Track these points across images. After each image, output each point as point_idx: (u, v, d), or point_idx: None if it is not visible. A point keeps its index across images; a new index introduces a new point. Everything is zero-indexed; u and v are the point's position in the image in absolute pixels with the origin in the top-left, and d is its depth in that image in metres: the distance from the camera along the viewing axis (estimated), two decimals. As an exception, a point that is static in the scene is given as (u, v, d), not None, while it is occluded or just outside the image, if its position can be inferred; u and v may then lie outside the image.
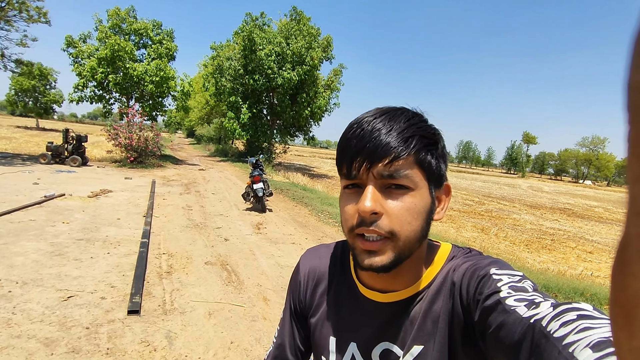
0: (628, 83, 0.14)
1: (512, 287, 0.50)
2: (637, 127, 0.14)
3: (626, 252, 0.15)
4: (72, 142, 12.84)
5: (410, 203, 0.57)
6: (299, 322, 0.81)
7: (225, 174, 15.42)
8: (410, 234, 0.57)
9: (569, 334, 0.37)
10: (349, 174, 0.58)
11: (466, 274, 0.58)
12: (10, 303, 2.95)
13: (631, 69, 0.14)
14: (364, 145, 0.56)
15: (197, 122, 39.79)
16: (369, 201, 0.55)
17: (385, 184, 0.57)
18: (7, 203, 6.11)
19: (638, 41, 0.14)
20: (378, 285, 0.67)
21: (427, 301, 0.62)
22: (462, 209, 14.02)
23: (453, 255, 0.66)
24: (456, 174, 49.01)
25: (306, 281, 0.79)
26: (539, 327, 0.41)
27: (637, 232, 0.14)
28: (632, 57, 0.14)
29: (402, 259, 0.57)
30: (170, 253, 4.64)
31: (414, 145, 0.57)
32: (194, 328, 2.92)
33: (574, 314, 0.40)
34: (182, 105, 23.05)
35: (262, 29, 21.10)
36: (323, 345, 0.73)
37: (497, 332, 0.46)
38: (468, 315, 0.55)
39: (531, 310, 0.44)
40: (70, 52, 19.58)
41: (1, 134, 24.02)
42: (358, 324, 0.69)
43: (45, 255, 4.04)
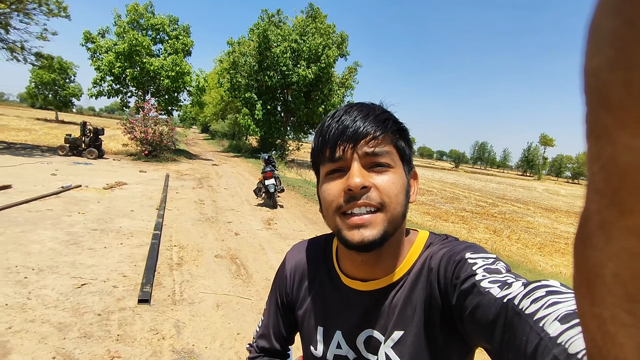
0: (584, 68, 0.15)
1: (486, 270, 0.52)
2: (592, 109, 0.15)
3: (587, 227, 0.17)
4: (90, 135, 13.10)
5: (394, 177, 0.60)
6: (284, 314, 0.84)
7: (238, 170, 15.55)
8: (397, 206, 0.59)
9: (539, 310, 0.39)
10: (333, 157, 0.61)
11: (443, 259, 0.60)
12: (26, 289, 3.04)
13: (587, 55, 0.15)
14: (345, 128, 0.60)
15: (211, 117, 40.15)
16: (357, 177, 0.58)
17: (368, 162, 0.60)
18: (25, 193, 6.29)
19: (592, 28, 0.15)
20: (359, 274, 0.69)
21: (406, 288, 0.64)
22: (475, 210, 13.85)
23: (430, 242, 0.68)
24: (470, 175, 48.44)
25: (292, 275, 0.81)
26: (511, 305, 0.43)
27: (596, 207, 0.15)
28: (587, 43, 0.15)
29: (389, 233, 0.59)
30: (181, 245, 4.71)
31: (390, 126, 0.61)
32: (202, 318, 2.97)
33: (543, 291, 0.42)
34: (197, 100, 23.27)
35: (277, 25, 21.15)
36: (311, 336, 0.75)
37: (473, 313, 0.48)
38: (446, 299, 0.57)
39: (504, 290, 0.47)
40: (88, 47, 19.94)
41: (21, 126, 24.67)
42: (342, 313, 0.71)
43: (61, 244, 4.14)
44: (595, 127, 0.15)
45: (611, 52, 0.13)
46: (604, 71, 0.14)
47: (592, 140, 0.15)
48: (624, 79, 0.13)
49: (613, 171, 0.14)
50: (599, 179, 0.15)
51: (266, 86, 21.14)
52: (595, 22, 0.14)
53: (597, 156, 0.15)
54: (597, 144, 0.15)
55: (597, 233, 0.16)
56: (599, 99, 0.14)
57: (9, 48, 14.26)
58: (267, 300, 0.88)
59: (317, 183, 0.68)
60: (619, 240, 0.14)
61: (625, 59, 0.13)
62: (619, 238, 0.14)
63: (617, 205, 0.14)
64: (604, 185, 0.15)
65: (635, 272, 0.14)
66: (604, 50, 0.14)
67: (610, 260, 0.15)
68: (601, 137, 0.15)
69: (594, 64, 0.14)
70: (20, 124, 26.18)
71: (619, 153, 0.14)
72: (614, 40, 0.13)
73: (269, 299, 0.87)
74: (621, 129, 0.13)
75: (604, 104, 0.14)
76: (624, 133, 0.13)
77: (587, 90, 0.15)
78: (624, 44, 0.13)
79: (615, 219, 0.14)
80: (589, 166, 0.16)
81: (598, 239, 0.16)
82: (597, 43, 0.14)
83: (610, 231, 0.15)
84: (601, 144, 0.15)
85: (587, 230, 0.17)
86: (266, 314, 0.87)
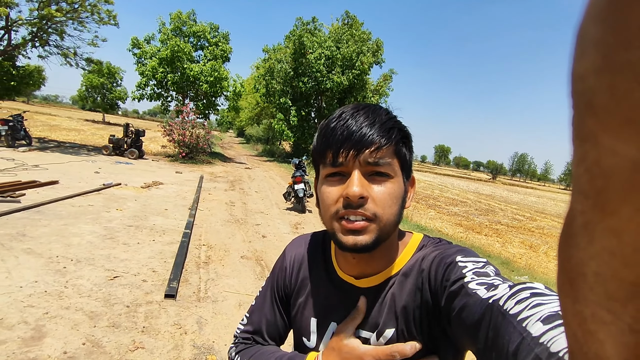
0: (572, 72, 0.15)
1: (475, 273, 0.53)
2: (578, 112, 0.15)
3: (571, 226, 0.17)
4: (132, 136, 13.77)
5: (391, 189, 0.61)
6: (282, 309, 0.83)
7: (270, 174, 15.80)
8: (390, 217, 0.61)
9: (523, 310, 0.40)
10: (335, 162, 0.61)
11: (434, 261, 0.61)
12: (64, 277, 3.24)
13: (574, 59, 0.15)
14: (350, 135, 0.60)
15: (247, 122, 41.11)
16: (357, 186, 0.58)
17: (369, 171, 0.61)
18: (70, 188, 6.70)
19: (579, 36, 0.15)
20: (354, 271, 0.70)
21: (397, 287, 0.65)
22: (511, 223, 13.30)
23: (423, 244, 0.69)
24: (507, 187, 46.65)
25: (292, 266, 0.83)
26: (497, 306, 0.44)
27: (581, 208, 0.16)
28: (575, 47, 0.15)
29: (381, 240, 0.61)
30: (209, 245, 4.84)
31: (395, 137, 0.61)
32: (224, 317, 3.03)
33: (528, 292, 0.43)
34: (233, 105, 23.94)
35: (312, 33, 21.43)
36: (305, 327, 0.76)
37: (460, 313, 0.49)
38: (436, 300, 0.58)
39: (490, 291, 0.47)
40: (134, 53, 21.04)
41: (71, 126, 26.30)
42: (337, 306, 0.72)
43: (98, 238, 4.38)
44: (581, 130, 0.15)
45: (597, 57, 0.14)
46: (590, 76, 0.14)
47: (577, 143, 0.16)
48: (608, 83, 0.13)
49: (597, 173, 0.14)
50: (584, 181, 0.15)
51: (300, 92, 21.43)
52: (583, 28, 0.15)
53: (582, 159, 0.15)
54: (582, 147, 0.15)
55: (581, 233, 0.16)
56: (584, 102, 0.15)
57: (63, 54, 15.34)
58: (259, 297, 0.86)
59: (316, 179, 0.69)
60: (601, 240, 0.15)
61: (610, 63, 0.13)
62: (601, 238, 0.15)
63: (600, 207, 0.15)
64: (589, 187, 0.15)
65: (614, 271, 0.14)
66: (590, 55, 0.14)
67: (592, 259, 0.15)
68: (586, 140, 0.15)
69: (581, 68, 0.15)
70: (70, 125, 27.93)
71: (603, 156, 0.14)
72: (600, 46, 0.14)
73: (261, 295, 0.85)
74: (606, 132, 0.14)
75: (590, 107, 0.14)
76: (608, 136, 0.14)
77: (574, 94, 0.15)
78: (608, 50, 0.13)
79: (598, 219, 0.15)
80: (575, 168, 0.16)
81: (581, 238, 0.16)
82: (583, 48, 0.15)
83: (593, 231, 0.15)
84: (586, 147, 0.15)
85: (572, 230, 0.17)
86: (257, 310, 0.84)
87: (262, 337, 0.81)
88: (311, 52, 20.16)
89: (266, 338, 0.81)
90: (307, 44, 20.07)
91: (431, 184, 27.84)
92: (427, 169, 78.68)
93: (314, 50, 20.23)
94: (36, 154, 10.77)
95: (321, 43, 20.50)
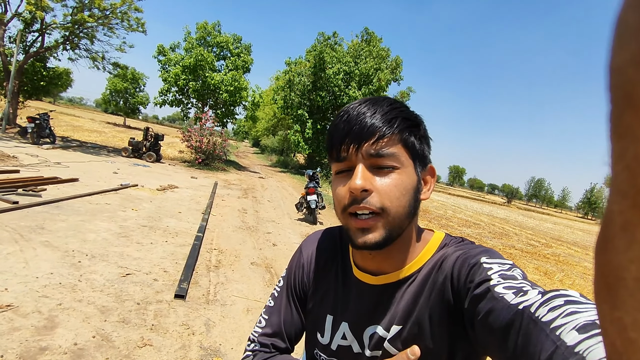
0: (610, 65, 0.15)
1: (501, 276, 0.51)
2: (617, 106, 0.15)
3: (609, 229, 0.16)
4: (151, 140, 14.09)
5: (398, 180, 0.60)
6: (297, 305, 0.81)
7: (283, 184, 15.88)
8: (399, 209, 0.59)
9: (557, 318, 0.38)
10: (339, 156, 0.62)
11: (457, 261, 0.59)
12: (78, 271, 3.30)
13: (612, 52, 0.15)
14: (350, 128, 0.60)
15: (263, 132, 41.58)
16: (359, 179, 0.58)
17: (373, 163, 0.60)
18: (89, 187, 6.86)
19: (618, 25, 0.14)
20: (370, 267, 0.69)
21: (416, 285, 0.64)
22: (525, 248, 13.01)
23: (445, 243, 0.68)
24: (523, 212, 45.74)
25: (310, 263, 0.82)
26: (527, 313, 0.42)
27: (619, 209, 0.15)
28: (613, 40, 0.15)
29: (393, 235, 0.60)
30: (220, 249, 4.87)
31: (397, 125, 0.60)
32: (232, 320, 3.04)
33: (562, 300, 0.41)
34: (251, 114, 24.29)
35: (333, 48, 21.75)
36: (319, 323, 0.75)
37: (486, 318, 0.47)
38: (458, 301, 0.56)
39: (519, 297, 0.45)
40: (159, 59, 21.65)
41: (94, 128, 27.01)
42: (351, 305, 0.71)
43: (113, 235, 4.46)
44: (619, 125, 0.14)
45: (637, 48, 0.13)
46: (629, 68, 0.14)
47: (615, 139, 0.15)
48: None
49: (637, 170, 0.14)
50: (622, 179, 0.15)
51: (317, 106, 21.65)
52: (622, 17, 0.14)
53: (621, 156, 0.15)
54: (620, 143, 0.15)
55: (620, 235, 0.15)
56: (623, 96, 0.14)
57: (92, 57, 15.93)
58: (276, 296, 0.83)
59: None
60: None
61: None
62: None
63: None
64: (628, 185, 0.14)
65: None
66: (630, 46, 0.14)
67: (633, 263, 0.15)
68: (625, 136, 0.14)
69: (619, 60, 0.14)
70: (92, 126, 28.69)
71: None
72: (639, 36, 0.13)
73: (277, 295, 0.83)
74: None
75: (629, 101, 0.14)
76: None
77: (612, 87, 0.15)
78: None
79: (638, 220, 0.14)
80: (613, 166, 0.15)
81: (620, 241, 0.15)
82: (622, 39, 0.14)
83: (633, 233, 0.14)
84: (625, 143, 0.14)
85: (609, 232, 0.16)
86: (276, 311, 0.81)
87: (281, 338, 0.79)
88: (330, 67, 20.43)
89: (285, 339, 0.80)
90: (327, 59, 20.37)
91: (444, 204, 27.52)
92: (441, 189, 77.89)
93: (333, 65, 20.51)
94: (59, 151, 11.08)
95: (340, 58, 20.78)
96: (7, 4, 13.68)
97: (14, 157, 8.34)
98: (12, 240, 3.64)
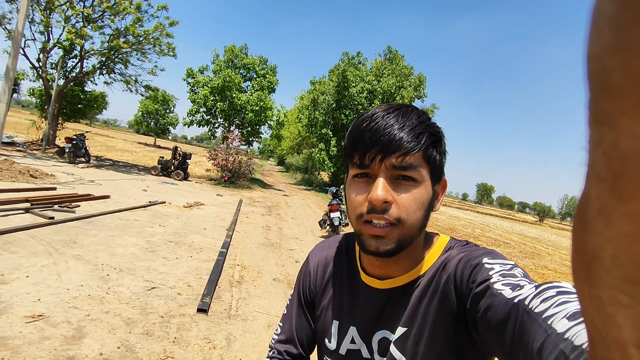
0: (587, 53, 0.15)
1: (501, 274, 0.52)
2: (594, 95, 0.15)
3: (586, 211, 0.17)
4: (179, 159, 14.55)
5: (417, 194, 0.60)
6: (309, 314, 0.84)
7: (307, 202, 15.94)
8: (414, 222, 0.60)
9: (549, 308, 0.40)
10: (362, 164, 0.62)
11: (460, 263, 0.60)
12: (107, 284, 3.40)
13: (589, 41, 0.15)
14: (378, 139, 0.60)
15: (287, 151, 42.16)
16: (381, 190, 0.59)
17: (395, 174, 0.60)
18: (120, 203, 7.11)
19: (594, 14, 0.15)
20: (377, 272, 0.70)
21: (420, 288, 0.64)
22: (559, 269, 12.40)
23: (450, 246, 0.68)
24: (556, 231, 43.81)
25: (316, 270, 0.84)
26: (522, 305, 0.43)
27: (596, 193, 0.16)
28: (590, 29, 0.15)
29: (405, 245, 0.61)
30: (243, 265, 4.92)
31: (424, 142, 0.61)
32: (252, 335, 3.03)
33: (554, 291, 0.42)
34: (276, 133, 24.71)
35: (356, 67, 22.03)
36: (326, 329, 0.76)
37: (485, 314, 0.48)
38: (461, 303, 0.57)
39: (515, 291, 0.47)
40: (188, 82, 22.52)
41: (126, 148, 28.17)
42: (359, 309, 0.72)
43: (140, 250, 4.58)
44: (597, 113, 0.15)
45: (611, 37, 0.13)
46: (605, 56, 0.14)
47: (594, 126, 0.15)
48: (623, 63, 0.13)
49: (614, 157, 0.14)
50: (600, 165, 0.15)
51: (342, 124, 21.84)
52: (597, 6, 0.14)
53: (599, 142, 0.15)
54: (598, 130, 0.15)
55: (597, 217, 0.16)
56: (600, 84, 0.14)
57: (125, 81, 16.77)
58: (288, 304, 0.87)
59: (345, 177, 0.70)
60: (619, 224, 0.15)
61: (624, 43, 0.13)
62: (618, 223, 0.15)
63: (617, 191, 0.14)
64: (605, 171, 0.15)
65: (633, 255, 0.14)
66: (605, 35, 0.14)
67: (610, 243, 0.15)
68: (603, 123, 0.15)
69: (595, 49, 0.14)
70: (125, 146, 29.93)
71: (620, 139, 0.14)
72: (614, 25, 0.13)
73: (290, 303, 0.87)
74: (622, 114, 0.13)
75: (605, 89, 0.14)
76: (625, 118, 0.13)
77: (590, 76, 0.15)
78: (623, 28, 0.13)
79: (615, 204, 0.15)
80: (591, 152, 0.16)
81: (597, 223, 0.16)
82: (598, 28, 0.14)
83: (610, 216, 0.15)
84: (603, 130, 0.15)
85: (587, 214, 0.17)
86: (288, 318, 0.85)
87: (294, 345, 0.82)
88: (354, 85, 20.66)
89: (298, 345, 0.82)
90: (350, 78, 20.63)
91: (472, 223, 26.76)
92: (469, 207, 75.89)
93: (357, 84, 20.73)
94: (93, 170, 11.59)
95: (363, 77, 20.99)
96: (50, 33, 14.68)
97: (52, 175, 8.79)
98: (47, 254, 3.81)
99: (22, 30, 9.83)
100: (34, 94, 18.58)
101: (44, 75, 14.70)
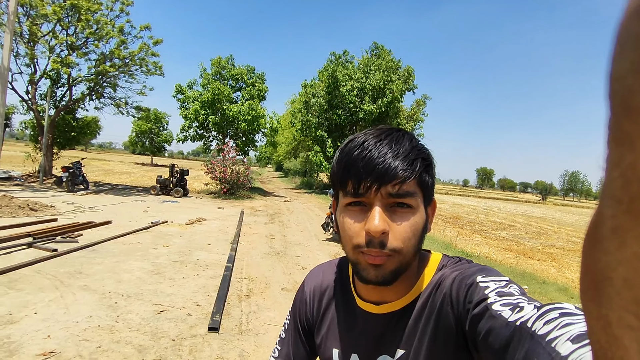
0: (610, 73, 0.15)
1: (498, 293, 0.51)
2: (615, 114, 0.15)
3: (599, 230, 0.17)
4: (177, 176, 14.55)
5: (412, 221, 0.60)
6: (305, 341, 0.83)
7: (308, 206, 15.94)
8: (410, 249, 0.60)
9: (552, 331, 0.39)
10: (356, 193, 0.60)
11: (454, 283, 0.59)
12: (115, 312, 3.40)
13: (613, 60, 0.15)
14: (373, 168, 0.58)
15: (284, 156, 42.16)
16: (378, 221, 0.57)
17: (390, 202, 0.60)
18: (122, 227, 7.11)
19: (619, 32, 0.15)
20: (373, 297, 0.69)
21: (418, 310, 0.64)
22: (567, 246, 12.42)
23: (443, 264, 0.68)
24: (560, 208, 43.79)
25: (312, 298, 0.83)
26: (525, 328, 0.42)
27: (611, 213, 0.16)
28: (615, 48, 0.15)
29: (401, 272, 0.60)
30: (250, 278, 4.91)
31: (419, 168, 0.60)
32: (266, 349, 3.03)
33: (557, 313, 0.42)
34: (270, 140, 24.74)
35: (344, 65, 22.06)
36: (328, 358, 0.76)
37: (487, 338, 0.47)
38: (460, 325, 0.56)
39: (516, 313, 0.46)
40: (178, 98, 22.55)
41: (123, 170, 28.18)
42: (358, 336, 0.72)
43: (146, 274, 4.58)
44: (617, 132, 0.15)
45: (636, 57, 0.13)
46: (628, 76, 0.14)
47: (613, 146, 0.15)
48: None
49: (633, 178, 0.14)
50: (617, 186, 0.15)
51: (335, 124, 21.87)
52: (623, 25, 0.14)
53: (617, 162, 0.15)
54: (617, 150, 0.15)
55: (610, 237, 0.16)
56: (621, 104, 0.14)
57: (115, 104, 16.80)
58: (284, 329, 0.86)
59: (334, 202, 0.69)
60: (632, 246, 0.14)
61: None
62: (632, 244, 0.14)
63: (633, 213, 0.14)
64: (622, 192, 0.15)
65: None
66: (629, 54, 0.14)
67: (622, 264, 0.15)
68: (622, 144, 0.14)
69: (619, 68, 0.14)
70: (122, 168, 29.95)
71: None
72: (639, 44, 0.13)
73: (287, 328, 0.86)
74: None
75: (627, 110, 0.14)
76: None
77: (611, 95, 0.15)
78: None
79: (630, 225, 0.14)
80: (608, 172, 0.16)
81: (610, 243, 0.16)
82: (623, 47, 0.14)
83: (624, 237, 0.15)
84: (622, 150, 0.15)
85: (599, 233, 0.17)
86: (285, 343, 0.85)
87: None
88: (343, 84, 20.70)
89: None
90: (340, 77, 20.66)
91: (475, 208, 26.77)
92: (470, 193, 75.90)
93: (346, 82, 20.76)
94: (92, 196, 11.59)
95: (352, 75, 21.03)
96: (36, 64, 14.69)
97: (52, 206, 8.79)
98: (53, 287, 3.81)
99: (8, 65, 9.85)
100: (26, 127, 18.59)
101: (34, 107, 14.70)
